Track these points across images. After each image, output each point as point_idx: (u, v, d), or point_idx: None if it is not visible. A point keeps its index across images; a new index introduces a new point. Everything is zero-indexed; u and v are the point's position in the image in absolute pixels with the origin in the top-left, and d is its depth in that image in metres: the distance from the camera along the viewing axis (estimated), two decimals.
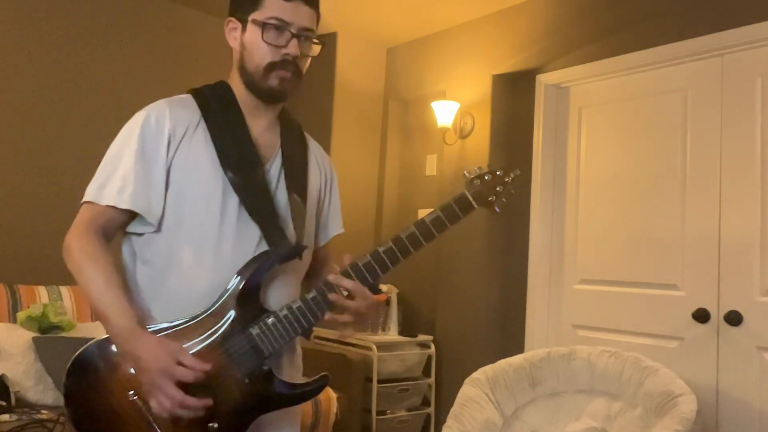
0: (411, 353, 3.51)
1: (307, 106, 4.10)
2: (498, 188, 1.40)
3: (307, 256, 1.43)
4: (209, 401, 1.21)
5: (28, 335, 2.58)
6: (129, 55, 3.48)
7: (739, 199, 2.68)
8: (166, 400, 1.18)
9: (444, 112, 3.56)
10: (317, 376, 1.34)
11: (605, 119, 3.21)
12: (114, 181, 1.29)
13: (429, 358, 3.57)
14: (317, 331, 3.76)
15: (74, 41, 3.31)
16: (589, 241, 3.20)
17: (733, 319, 2.62)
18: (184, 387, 1.19)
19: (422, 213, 3.79)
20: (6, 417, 2.28)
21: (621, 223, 3.07)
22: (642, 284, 2.96)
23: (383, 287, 3.66)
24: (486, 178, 1.39)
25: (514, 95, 3.53)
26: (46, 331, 2.66)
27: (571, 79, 3.33)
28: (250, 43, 1.34)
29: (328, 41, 4.00)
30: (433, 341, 3.59)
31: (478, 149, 3.49)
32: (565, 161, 3.36)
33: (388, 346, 3.44)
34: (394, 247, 1.32)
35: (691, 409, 2.20)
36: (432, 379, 3.56)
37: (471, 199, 1.37)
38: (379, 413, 3.35)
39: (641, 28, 3.02)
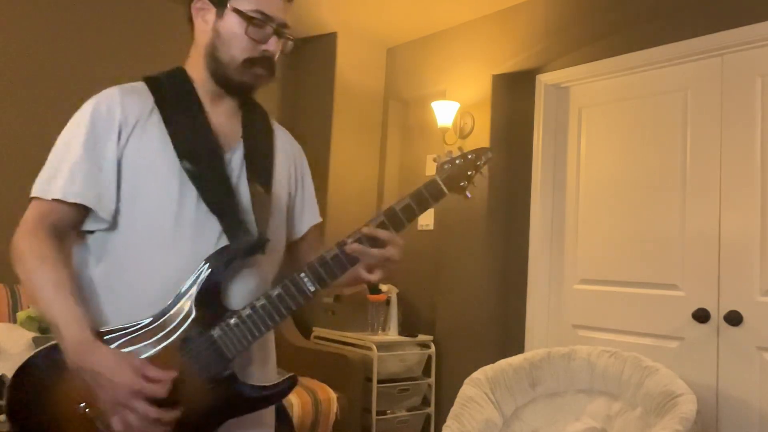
0: (411, 353, 3.51)
1: (307, 106, 4.10)
2: (469, 172, 1.32)
3: (272, 251, 1.33)
4: (179, 412, 1.12)
5: (28, 335, 2.58)
6: (121, 53, 3.47)
7: (739, 199, 2.68)
8: (136, 419, 1.09)
9: (444, 112, 3.56)
10: (285, 377, 1.25)
11: (605, 119, 3.21)
12: (62, 174, 1.20)
13: (429, 358, 3.57)
14: (317, 331, 3.76)
15: (65, 37, 3.30)
16: (589, 241, 3.20)
17: (733, 319, 2.62)
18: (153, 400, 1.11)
19: None
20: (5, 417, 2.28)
21: (621, 223, 3.07)
22: (642, 284, 2.96)
23: (383, 287, 3.66)
24: (457, 162, 1.31)
25: (514, 95, 3.53)
26: (46, 331, 2.66)
27: (571, 79, 3.33)
28: (228, 33, 1.26)
29: (328, 41, 4.01)
30: (433, 341, 3.59)
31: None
32: (565, 161, 3.36)
33: (388, 346, 3.44)
34: (363, 239, 1.24)
35: (691, 409, 2.20)
36: (432, 379, 3.56)
37: (442, 185, 1.29)
38: (379, 413, 3.35)
39: (641, 28, 3.02)
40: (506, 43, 3.47)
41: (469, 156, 1.32)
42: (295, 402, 2.95)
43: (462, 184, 1.32)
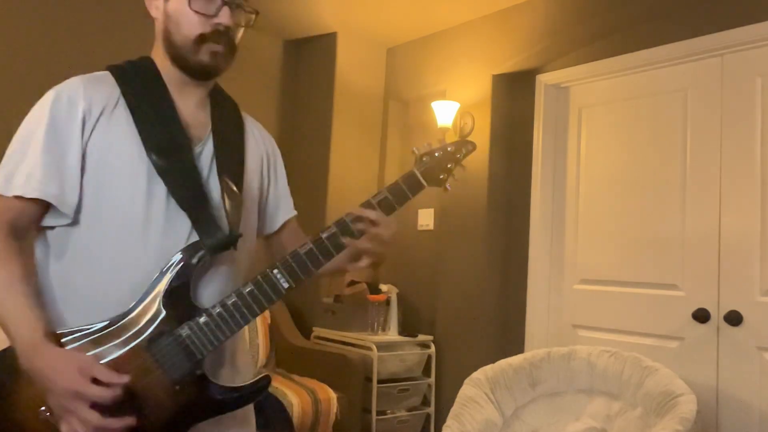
0: (411, 353, 3.51)
1: (307, 106, 4.10)
2: (449, 165, 1.30)
3: (244, 246, 1.29)
4: (132, 419, 1.07)
5: None
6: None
7: (739, 199, 2.68)
8: (79, 426, 1.03)
9: (444, 112, 3.56)
10: (257, 377, 1.21)
11: (605, 119, 3.21)
12: (22, 169, 1.14)
13: (429, 358, 3.57)
14: (317, 331, 3.76)
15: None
16: (589, 241, 3.20)
17: (733, 319, 2.62)
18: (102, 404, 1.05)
19: (422, 213, 3.81)
20: None
21: (621, 223, 3.07)
22: (642, 284, 2.96)
23: (383, 287, 3.66)
24: (436, 154, 1.30)
25: (514, 95, 3.53)
26: None
27: (571, 79, 3.33)
28: (176, 13, 1.22)
29: (328, 41, 4.01)
30: (433, 341, 3.59)
31: (477, 149, 3.47)
32: (565, 161, 3.36)
33: (388, 346, 3.44)
34: (338, 232, 1.22)
35: (691, 409, 2.20)
36: (432, 379, 3.56)
37: (420, 177, 1.27)
38: (379, 413, 3.35)
39: (641, 28, 3.02)
40: (506, 43, 3.47)
41: (449, 148, 1.31)
42: (295, 402, 2.95)
43: (441, 176, 1.31)
